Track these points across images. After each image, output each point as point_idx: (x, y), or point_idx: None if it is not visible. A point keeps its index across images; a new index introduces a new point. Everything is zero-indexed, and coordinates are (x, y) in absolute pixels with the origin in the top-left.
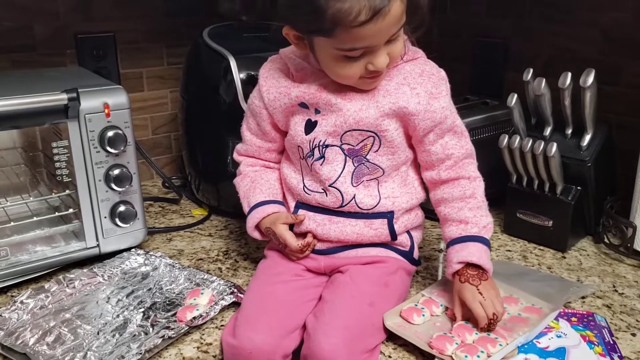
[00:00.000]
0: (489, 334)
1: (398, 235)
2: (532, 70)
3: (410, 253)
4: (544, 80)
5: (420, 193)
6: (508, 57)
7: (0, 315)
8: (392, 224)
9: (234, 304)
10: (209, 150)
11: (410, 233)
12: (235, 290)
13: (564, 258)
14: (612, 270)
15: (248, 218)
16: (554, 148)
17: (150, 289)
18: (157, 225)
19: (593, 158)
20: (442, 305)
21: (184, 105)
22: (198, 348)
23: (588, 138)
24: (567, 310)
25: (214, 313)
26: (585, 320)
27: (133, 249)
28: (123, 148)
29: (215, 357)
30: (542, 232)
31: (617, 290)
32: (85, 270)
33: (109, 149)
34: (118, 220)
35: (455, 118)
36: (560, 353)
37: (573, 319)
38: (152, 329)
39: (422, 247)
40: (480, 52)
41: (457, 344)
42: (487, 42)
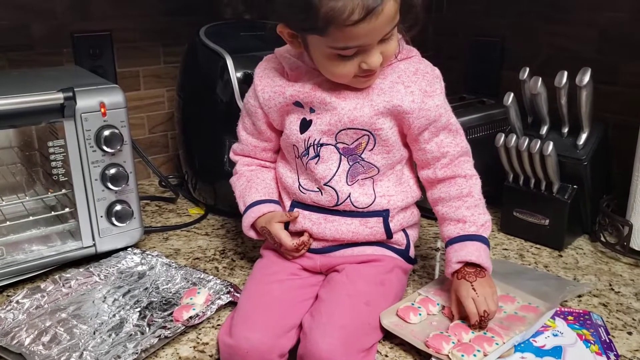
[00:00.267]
0: (486, 333)
1: (394, 234)
2: (528, 69)
3: (406, 251)
4: (540, 79)
5: (416, 191)
6: (505, 56)
7: None
8: (387, 223)
9: (231, 304)
10: (206, 149)
11: (406, 231)
12: (232, 290)
13: (561, 257)
14: (608, 269)
15: (244, 217)
16: (550, 147)
17: (147, 289)
18: (153, 225)
19: (589, 157)
20: (438, 304)
21: (181, 104)
22: (194, 347)
23: (584, 137)
24: (563, 309)
25: (211, 312)
26: (582, 319)
27: (129, 249)
28: (119, 147)
29: (212, 356)
30: (538, 230)
31: (613, 289)
32: (82, 270)
33: (105, 148)
34: (114, 220)
35: (450, 116)
36: (557, 352)
37: (569, 318)
38: (148, 329)
39: (418, 245)
40: (477, 50)
41: (453, 343)
42: (484, 41)
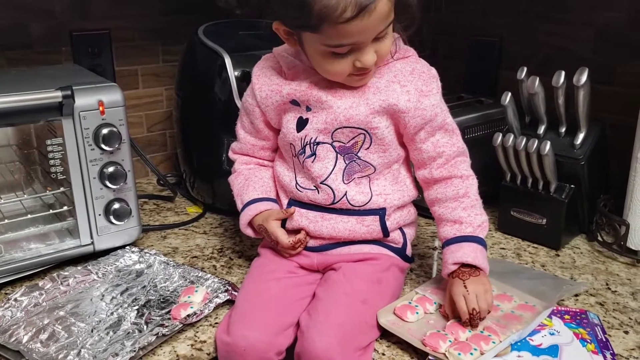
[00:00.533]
0: (482, 331)
1: (390, 232)
2: (526, 69)
3: (403, 250)
4: (538, 79)
5: (412, 191)
6: (503, 55)
7: None
8: (384, 221)
9: (228, 302)
10: (204, 148)
11: (403, 230)
12: (230, 288)
13: (558, 256)
14: (605, 268)
15: (241, 215)
16: (548, 146)
17: (145, 287)
18: (151, 223)
19: (586, 156)
20: (435, 303)
21: (179, 103)
22: (192, 346)
23: (581, 136)
24: (560, 308)
25: (208, 311)
26: (578, 318)
27: (127, 247)
28: (117, 145)
29: (209, 354)
30: (536, 230)
31: (610, 288)
32: (80, 268)
33: (104, 147)
34: (112, 218)
35: (446, 116)
36: (553, 350)
37: (566, 317)
38: (146, 327)
39: (416, 244)
40: (475, 50)
41: (450, 342)
42: (482, 40)
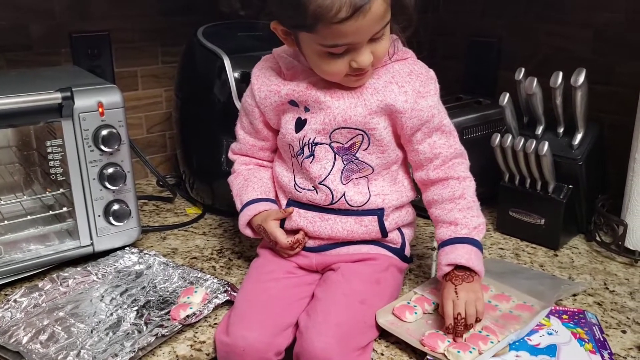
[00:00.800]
0: (481, 331)
1: (389, 233)
2: (524, 70)
3: (402, 250)
4: (536, 80)
5: (410, 192)
6: (501, 56)
7: None
8: (382, 221)
9: (228, 303)
10: (203, 149)
11: (402, 230)
12: (229, 289)
13: (556, 256)
14: (603, 268)
15: (240, 215)
16: (546, 147)
17: (144, 288)
18: (151, 224)
19: (584, 157)
20: (434, 303)
21: (179, 104)
22: (191, 346)
23: (579, 137)
24: (558, 308)
25: (208, 311)
26: (576, 318)
27: (127, 248)
28: (117, 147)
29: (209, 355)
30: (534, 230)
31: (608, 288)
32: (79, 269)
33: (103, 148)
34: (112, 219)
35: (443, 117)
36: (551, 350)
37: (564, 317)
38: (145, 327)
39: (415, 245)
40: (474, 51)
41: (449, 342)
42: (480, 41)
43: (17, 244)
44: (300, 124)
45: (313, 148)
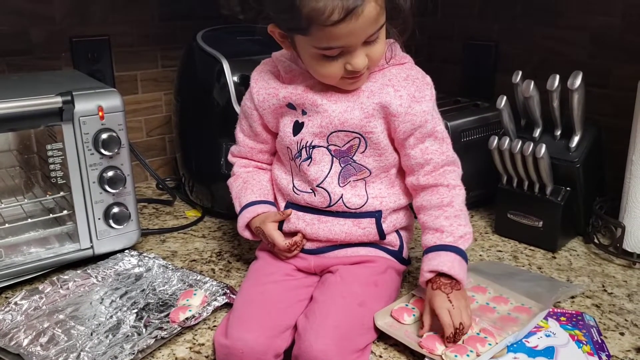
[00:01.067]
0: (479, 333)
1: (387, 235)
2: (521, 73)
3: (400, 252)
4: (533, 83)
5: (408, 195)
6: (499, 59)
7: None
8: (380, 224)
9: (227, 305)
10: (203, 152)
11: (400, 233)
12: (228, 291)
13: (554, 258)
14: (601, 270)
15: (239, 217)
16: (543, 149)
17: (144, 290)
18: (150, 227)
19: (582, 159)
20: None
21: (178, 108)
22: (190, 348)
23: (577, 139)
24: (556, 310)
25: (207, 314)
26: (574, 320)
27: (127, 250)
28: (117, 150)
29: (208, 357)
30: (532, 232)
31: (606, 290)
32: (79, 272)
33: (103, 151)
34: (112, 222)
35: (437, 124)
36: (549, 352)
37: (562, 319)
38: (145, 330)
39: (413, 247)
40: (472, 54)
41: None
42: (478, 44)
43: (17, 247)
44: (298, 127)
45: (311, 151)
